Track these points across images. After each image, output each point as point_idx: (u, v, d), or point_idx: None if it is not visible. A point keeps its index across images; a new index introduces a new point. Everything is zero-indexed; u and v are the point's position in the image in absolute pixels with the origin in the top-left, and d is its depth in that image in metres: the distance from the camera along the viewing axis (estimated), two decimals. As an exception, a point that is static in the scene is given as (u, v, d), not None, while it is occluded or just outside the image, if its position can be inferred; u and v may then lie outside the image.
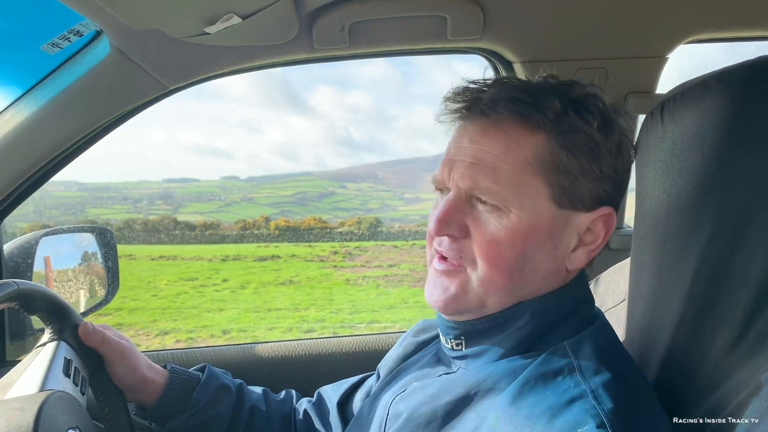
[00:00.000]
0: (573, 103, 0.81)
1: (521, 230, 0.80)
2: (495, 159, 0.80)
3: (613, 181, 0.83)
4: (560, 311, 0.85)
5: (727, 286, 0.77)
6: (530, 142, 0.80)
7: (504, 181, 0.79)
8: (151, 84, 1.34)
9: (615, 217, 0.84)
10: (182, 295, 12.91)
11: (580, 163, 0.80)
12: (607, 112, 0.83)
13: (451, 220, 0.83)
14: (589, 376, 0.76)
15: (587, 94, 0.83)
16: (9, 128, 1.30)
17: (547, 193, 0.80)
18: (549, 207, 0.81)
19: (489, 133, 0.82)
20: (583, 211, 0.82)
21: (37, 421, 0.78)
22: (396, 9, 1.32)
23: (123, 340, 1.11)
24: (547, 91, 0.82)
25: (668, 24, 1.45)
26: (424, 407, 0.85)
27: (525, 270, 0.82)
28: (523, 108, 0.79)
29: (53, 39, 1.21)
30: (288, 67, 1.45)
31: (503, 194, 0.79)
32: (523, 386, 0.77)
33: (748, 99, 0.76)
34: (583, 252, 0.84)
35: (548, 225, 0.81)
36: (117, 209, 30.33)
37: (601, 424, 0.68)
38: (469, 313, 0.85)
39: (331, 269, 16.47)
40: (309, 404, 1.27)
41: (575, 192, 0.81)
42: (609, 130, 0.82)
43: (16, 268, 1.44)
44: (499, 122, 0.81)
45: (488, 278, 0.81)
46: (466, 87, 0.86)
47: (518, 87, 0.83)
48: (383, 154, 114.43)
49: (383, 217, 29.04)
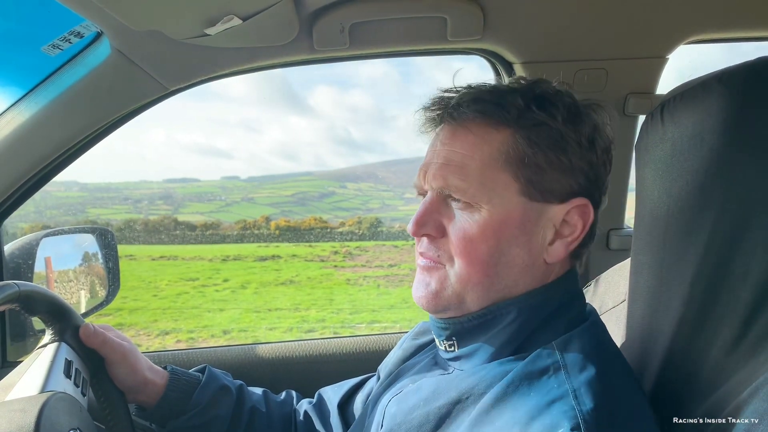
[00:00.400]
0: (536, 98, 0.83)
1: (492, 225, 0.82)
2: (462, 158, 0.83)
3: (585, 174, 0.84)
4: (548, 308, 0.85)
5: (727, 287, 0.78)
6: (495, 138, 0.83)
7: (472, 178, 0.82)
8: (152, 85, 1.34)
9: (591, 208, 0.85)
10: (183, 295, 12.89)
11: (546, 156, 0.82)
12: (574, 106, 0.85)
13: (428, 221, 0.86)
14: (574, 375, 0.76)
15: (551, 90, 0.86)
16: (10, 129, 1.30)
17: (516, 187, 0.82)
18: (519, 200, 0.82)
19: (457, 134, 0.85)
20: (555, 203, 0.83)
21: (38, 423, 0.78)
22: (396, 10, 1.32)
23: (124, 341, 1.12)
24: (511, 90, 0.85)
25: (668, 24, 1.45)
26: (417, 410, 0.86)
27: (500, 264, 0.83)
28: (486, 107, 0.83)
29: (54, 40, 1.21)
30: (289, 70, 1.45)
31: (472, 191, 0.82)
32: (508, 387, 0.77)
33: (749, 100, 0.76)
34: (561, 245, 0.85)
35: (519, 218, 0.82)
36: (117, 209, 30.31)
37: (576, 426, 0.68)
38: (450, 309, 0.86)
39: (332, 269, 16.45)
40: (309, 405, 1.27)
41: (544, 184, 0.82)
42: (577, 122, 0.83)
43: (17, 268, 1.44)
44: (466, 123, 0.84)
45: (464, 274, 0.83)
46: (440, 96, 0.89)
47: (483, 89, 0.87)
48: (383, 154, 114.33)
49: (384, 217, 29.00)
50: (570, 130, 0.82)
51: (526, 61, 1.45)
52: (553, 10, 1.39)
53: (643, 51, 1.48)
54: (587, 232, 0.86)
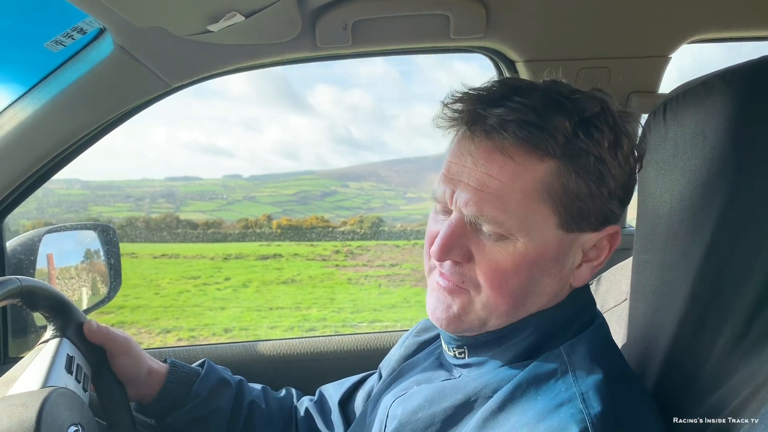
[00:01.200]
0: (583, 122, 0.75)
1: (527, 258, 0.77)
2: (501, 186, 0.76)
3: (620, 199, 0.81)
4: (562, 319, 0.84)
5: (729, 286, 0.78)
6: (539, 169, 0.75)
7: (511, 211, 0.76)
8: (154, 82, 1.34)
9: (620, 234, 0.83)
10: (184, 293, 12.91)
11: (589, 187, 0.76)
12: (617, 126, 0.78)
13: (454, 246, 0.80)
14: (581, 378, 0.75)
15: (598, 111, 0.77)
16: (12, 125, 1.30)
17: (554, 221, 0.77)
18: (556, 233, 0.78)
19: (494, 157, 0.76)
20: (589, 231, 0.80)
21: (39, 418, 0.78)
22: (399, 7, 1.32)
23: (126, 335, 1.12)
24: (557, 108, 0.75)
25: (671, 24, 1.45)
26: (422, 411, 0.85)
27: (529, 294, 0.81)
28: (532, 133, 0.74)
29: (57, 36, 1.21)
30: (289, 68, 1.45)
31: (510, 223, 0.76)
32: (516, 390, 0.77)
33: (751, 98, 0.76)
34: (587, 268, 0.83)
35: (555, 250, 0.79)
36: (119, 207, 30.32)
37: (585, 429, 0.68)
38: (470, 331, 0.85)
39: (333, 268, 16.45)
40: (310, 403, 1.27)
41: (582, 216, 0.78)
42: (618, 145, 0.77)
43: (19, 265, 1.44)
44: (505, 147, 0.75)
45: (492, 304, 0.80)
46: (468, 94, 0.80)
47: (526, 107, 0.75)
48: (384, 153, 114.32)
49: (385, 216, 28.97)
50: (612, 155, 0.77)
51: (529, 59, 1.45)
52: (556, 9, 1.38)
53: (646, 50, 1.47)
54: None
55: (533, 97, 0.76)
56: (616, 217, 0.82)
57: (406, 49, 1.46)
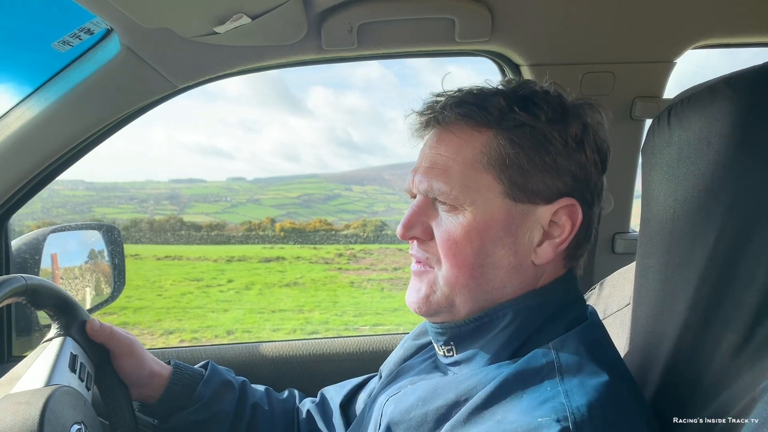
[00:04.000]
0: (520, 99, 0.83)
1: (476, 226, 0.82)
2: (446, 160, 0.84)
3: (573, 174, 0.83)
4: (546, 311, 0.84)
5: (732, 291, 0.77)
6: (477, 140, 0.83)
7: (454, 180, 0.83)
8: (160, 82, 1.35)
9: (579, 208, 0.84)
10: (187, 295, 12.92)
11: (529, 157, 0.82)
12: (561, 105, 0.84)
13: (415, 224, 0.88)
14: (568, 376, 0.75)
15: (537, 90, 0.86)
16: (18, 125, 1.31)
17: (499, 188, 0.82)
18: (503, 202, 0.82)
19: (442, 137, 0.87)
20: (541, 204, 0.83)
21: (42, 415, 0.79)
22: (405, 11, 1.32)
23: (129, 336, 1.13)
24: (495, 92, 0.85)
25: (676, 29, 1.45)
26: (415, 410, 0.85)
27: (485, 266, 0.83)
28: (469, 110, 0.83)
29: (64, 37, 1.22)
30: (290, 71, 1.46)
31: (455, 193, 0.83)
32: (501, 386, 0.77)
33: (756, 104, 0.75)
34: (549, 246, 0.84)
35: (503, 219, 0.82)
36: (123, 209, 30.42)
37: (564, 418, 0.68)
38: (442, 313, 0.87)
39: (336, 271, 16.46)
40: (312, 404, 1.27)
41: (528, 185, 0.82)
42: (563, 122, 0.83)
43: (24, 264, 1.45)
44: (449, 126, 0.86)
45: (451, 276, 0.84)
46: (433, 100, 0.89)
47: (468, 92, 0.87)
48: (384, 157, 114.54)
49: (389, 220, 28.99)
50: (555, 130, 0.82)
51: (534, 63, 1.46)
52: (562, 13, 1.39)
53: (651, 55, 1.47)
54: (579, 233, 0.85)
55: (479, 87, 0.88)
56: (572, 191, 0.84)
57: (412, 53, 1.46)
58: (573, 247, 0.86)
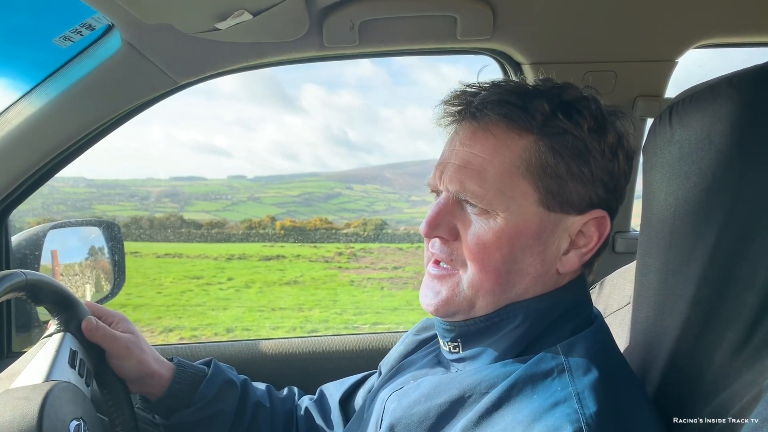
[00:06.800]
0: (563, 105, 0.81)
1: (508, 233, 0.80)
2: (482, 162, 0.81)
3: (605, 185, 0.83)
4: (555, 313, 0.84)
5: (732, 290, 0.77)
6: (518, 145, 0.80)
7: (490, 184, 0.80)
8: (162, 79, 1.35)
9: (608, 220, 0.84)
10: (187, 293, 12.94)
11: (568, 166, 0.80)
12: (600, 114, 0.82)
13: (441, 223, 0.85)
14: (578, 378, 0.75)
15: (579, 96, 0.83)
16: (19, 120, 1.30)
17: (534, 197, 0.81)
18: (536, 210, 0.81)
19: (477, 136, 0.82)
20: (573, 214, 0.82)
21: (41, 411, 0.79)
22: (406, 8, 1.32)
23: (130, 334, 1.12)
24: (538, 93, 0.82)
25: (678, 28, 1.44)
26: (418, 406, 0.85)
27: (512, 272, 0.82)
28: (511, 111, 0.80)
29: (65, 32, 1.21)
30: (283, 69, 1.46)
31: (489, 197, 0.80)
32: (512, 389, 0.77)
33: (757, 103, 0.75)
34: (575, 255, 0.84)
35: (536, 228, 0.81)
36: (124, 206, 30.43)
37: (579, 429, 0.68)
38: (459, 314, 0.86)
39: (336, 270, 16.48)
40: (311, 401, 1.27)
41: (564, 195, 0.81)
42: (602, 132, 0.81)
43: (24, 260, 1.45)
44: (488, 125, 0.82)
45: (477, 280, 0.82)
46: (462, 90, 0.86)
47: (509, 90, 0.83)
48: (382, 156, 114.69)
49: (389, 219, 29.02)
50: (593, 140, 0.80)
51: (535, 61, 1.45)
52: (563, 12, 1.39)
53: (653, 54, 1.47)
54: (602, 243, 0.85)
55: (517, 84, 0.85)
56: (603, 202, 0.83)
57: (413, 50, 1.46)
58: (593, 255, 0.86)
